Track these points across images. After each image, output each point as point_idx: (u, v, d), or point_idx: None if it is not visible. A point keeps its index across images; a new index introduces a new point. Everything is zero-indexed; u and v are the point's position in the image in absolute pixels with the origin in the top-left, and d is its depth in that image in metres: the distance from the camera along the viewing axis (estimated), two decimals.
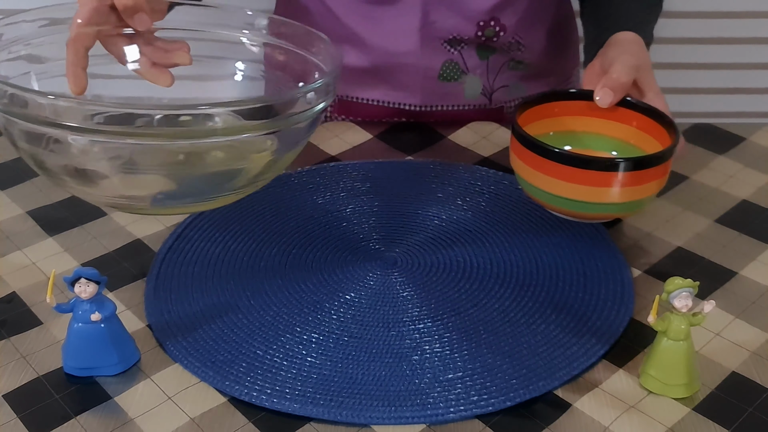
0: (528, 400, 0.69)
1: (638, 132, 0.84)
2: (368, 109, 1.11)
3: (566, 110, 0.86)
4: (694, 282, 0.67)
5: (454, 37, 1.04)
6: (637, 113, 0.84)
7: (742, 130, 1.05)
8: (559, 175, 0.77)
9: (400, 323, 0.76)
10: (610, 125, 0.86)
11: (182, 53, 0.84)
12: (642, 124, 0.84)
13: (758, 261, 0.84)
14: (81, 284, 0.68)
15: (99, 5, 0.78)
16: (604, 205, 0.77)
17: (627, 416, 0.68)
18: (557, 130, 0.87)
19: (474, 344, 0.73)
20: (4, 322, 0.77)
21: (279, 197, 0.93)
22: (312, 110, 0.76)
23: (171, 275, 0.82)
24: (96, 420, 0.68)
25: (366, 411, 0.67)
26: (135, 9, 0.79)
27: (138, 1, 0.79)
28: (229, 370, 0.71)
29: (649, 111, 0.83)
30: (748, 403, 0.69)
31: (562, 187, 0.77)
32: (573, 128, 0.87)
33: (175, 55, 0.84)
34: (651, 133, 0.83)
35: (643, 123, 0.84)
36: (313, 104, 0.76)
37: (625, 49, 0.87)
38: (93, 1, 0.78)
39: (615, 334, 0.74)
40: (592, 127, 0.86)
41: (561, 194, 0.78)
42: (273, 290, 0.80)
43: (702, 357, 0.73)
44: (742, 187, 0.95)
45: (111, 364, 0.71)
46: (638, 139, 0.84)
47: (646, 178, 0.76)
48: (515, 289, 0.79)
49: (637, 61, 0.85)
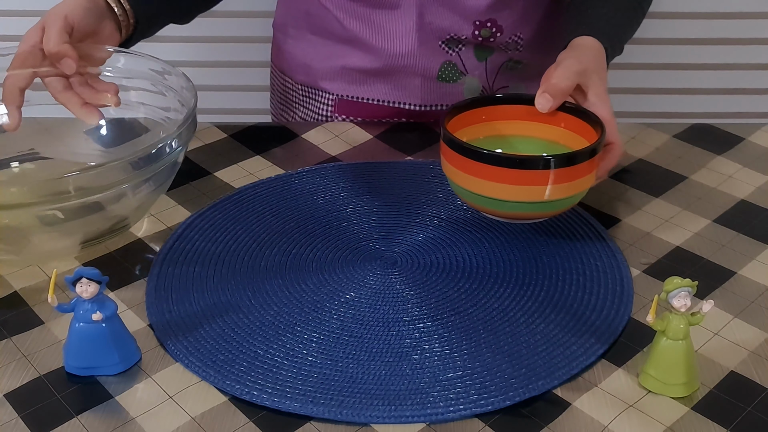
0: (527, 399, 0.69)
1: (566, 132, 0.85)
2: (368, 109, 1.11)
3: (495, 115, 0.87)
4: (692, 281, 0.67)
5: (451, 37, 1.04)
6: (565, 114, 0.85)
7: (741, 130, 1.05)
8: (490, 177, 0.78)
9: (400, 323, 0.76)
10: (539, 127, 0.87)
11: (110, 95, 0.90)
12: (570, 124, 0.85)
13: (757, 260, 0.84)
14: (82, 284, 0.69)
15: (32, 50, 0.88)
16: (537, 204, 0.79)
17: (626, 415, 0.68)
18: (487, 134, 0.87)
19: (473, 343, 0.74)
20: (6, 321, 0.77)
21: (279, 197, 0.93)
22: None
23: (171, 275, 0.82)
24: (97, 419, 0.68)
25: (366, 410, 0.67)
26: (60, 55, 0.87)
27: (62, 49, 0.86)
28: (229, 369, 0.71)
29: (576, 111, 0.84)
30: (746, 403, 0.69)
31: (493, 188, 0.78)
32: (503, 132, 0.88)
33: (102, 96, 0.90)
34: (579, 132, 0.84)
35: (570, 123, 0.85)
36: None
37: (575, 54, 0.87)
38: (27, 45, 0.88)
39: (614, 334, 0.75)
40: (522, 131, 0.87)
41: (493, 196, 0.79)
42: (273, 290, 0.80)
43: (701, 356, 0.73)
44: (741, 187, 0.95)
45: (112, 364, 0.71)
46: (567, 138, 0.85)
47: (575, 174, 0.78)
48: (515, 289, 0.80)
49: (581, 66, 0.85)
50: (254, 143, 1.03)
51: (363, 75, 1.09)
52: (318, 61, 1.11)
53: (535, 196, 0.78)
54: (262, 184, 0.95)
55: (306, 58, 1.13)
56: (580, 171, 0.78)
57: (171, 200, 0.93)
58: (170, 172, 0.86)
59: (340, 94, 1.11)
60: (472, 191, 0.80)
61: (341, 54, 1.09)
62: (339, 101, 1.12)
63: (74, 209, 0.79)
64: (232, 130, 1.06)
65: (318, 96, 1.13)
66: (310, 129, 1.07)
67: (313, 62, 1.12)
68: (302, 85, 1.15)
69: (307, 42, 1.12)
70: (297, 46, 1.13)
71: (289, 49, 1.15)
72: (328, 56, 1.10)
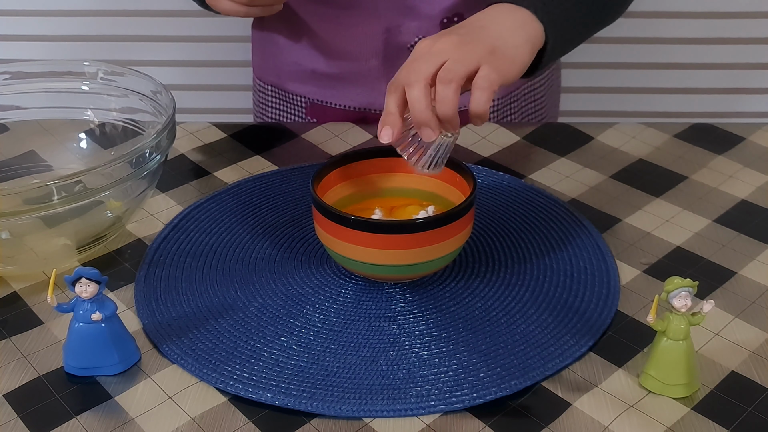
0: (527, 398, 0.69)
1: (441, 183, 0.83)
2: (336, 113, 1.11)
3: (367, 169, 0.84)
4: (693, 282, 0.67)
5: (419, 40, 1.03)
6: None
7: (742, 130, 1.05)
8: (358, 242, 0.75)
9: (381, 318, 0.76)
10: (414, 179, 0.84)
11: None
12: (443, 175, 0.81)
13: (757, 261, 0.84)
14: (82, 284, 0.68)
15: None
16: (409, 266, 0.76)
17: (626, 416, 0.68)
18: (363, 189, 0.84)
19: (452, 342, 0.74)
20: (5, 321, 0.77)
21: (277, 192, 0.93)
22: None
23: (159, 276, 0.82)
24: (96, 419, 0.68)
25: (337, 403, 0.68)
26: None
27: None
28: (209, 359, 0.72)
29: (449, 162, 0.79)
30: (747, 403, 0.69)
31: (364, 252, 0.75)
32: (379, 186, 0.85)
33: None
34: (452, 183, 0.81)
35: (444, 174, 0.81)
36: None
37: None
38: None
39: (595, 336, 0.74)
40: (396, 183, 0.85)
41: (363, 260, 0.76)
42: (260, 283, 0.81)
43: (701, 357, 0.73)
44: (742, 186, 0.95)
45: (111, 364, 0.71)
46: (442, 189, 0.83)
47: (449, 233, 0.75)
48: (499, 289, 0.80)
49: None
50: (254, 143, 1.03)
51: (330, 80, 1.09)
52: (288, 65, 1.11)
53: (402, 259, 0.75)
54: (262, 177, 0.96)
55: (276, 60, 1.12)
56: (451, 230, 0.75)
57: (170, 200, 0.93)
58: (156, 172, 0.87)
59: (311, 97, 1.11)
60: (340, 254, 0.77)
61: (310, 58, 1.09)
62: (310, 105, 1.12)
63: (65, 211, 0.79)
64: (231, 130, 1.06)
65: (290, 99, 1.13)
66: (310, 129, 1.07)
67: (283, 65, 1.12)
68: (272, 86, 1.15)
69: (277, 45, 1.11)
70: (267, 48, 1.13)
71: (261, 50, 1.15)
72: (297, 59, 1.10)
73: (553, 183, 0.96)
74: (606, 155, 1.01)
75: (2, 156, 0.96)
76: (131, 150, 0.80)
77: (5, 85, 0.94)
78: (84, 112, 0.96)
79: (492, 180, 0.95)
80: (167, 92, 0.88)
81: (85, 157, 0.96)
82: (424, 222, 0.74)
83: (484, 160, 1.00)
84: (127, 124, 0.95)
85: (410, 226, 0.74)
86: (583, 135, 1.04)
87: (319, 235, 0.78)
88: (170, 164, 0.99)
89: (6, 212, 0.76)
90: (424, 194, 0.84)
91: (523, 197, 0.92)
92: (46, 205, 0.76)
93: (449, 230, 0.75)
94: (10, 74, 0.94)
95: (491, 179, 0.95)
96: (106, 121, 0.96)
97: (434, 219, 0.75)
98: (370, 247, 0.74)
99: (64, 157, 0.97)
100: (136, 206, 0.87)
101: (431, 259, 0.76)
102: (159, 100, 0.90)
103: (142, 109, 0.92)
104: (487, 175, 0.96)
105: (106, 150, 0.96)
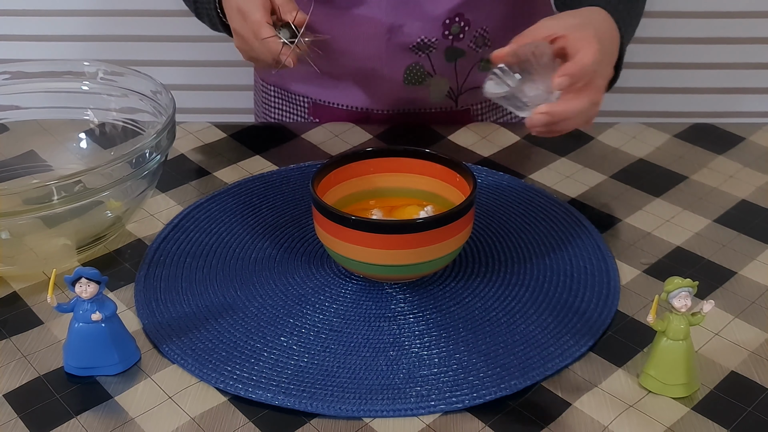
0: (527, 398, 0.69)
1: (441, 183, 0.83)
2: (339, 113, 1.11)
3: (366, 169, 0.84)
4: (693, 282, 0.67)
5: (421, 40, 1.03)
6: (439, 165, 0.82)
7: (742, 130, 1.05)
8: (357, 242, 0.75)
9: (381, 318, 0.76)
10: (413, 179, 0.84)
11: None
12: (444, 176, 0.82)
13: (758, 261, 0.84)
14: (82, 284, 0.68)
15: None
16: (409, 266, 0.76)
17: (626, 416, 0.68)
18: (363, 189, 0.84)
19: (452, 342, 0.74)
20: (5, 321, 0.77)
21: (277, 192, 0.93)
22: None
23: (159, 276, 0.82)
24: (96, 419, 0.68)
25: (337, 403, 0.68)
26: None
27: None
28: (214, 362, 0.71)
29: (449, 162, 0.81)
30: (747, 403, 0.69)
31: (365, 253, 0.75)
32: (378, 185, 0.85)
33: None
34: (452, 183, 0.82)
35: (445, 175, 0.82)
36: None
37: (591, 27, 0.80)
38: None
39: (594, 336, 0.74)
40: (396, 183, 0.85)
41: (362, 260, 0.76)
42: (260, 283, 0.81)
43: (701, 357, 0.73)
44: (742, 186, 0.95)
45: (111, 364, 0.71)
46: (442, 189, 0.83)
47: (448, 233, 0.75)
48: (499, 289, 0.80)
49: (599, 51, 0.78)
50: (254, 143, 1.03)
51: (331, 80, 1.08)
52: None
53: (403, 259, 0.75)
54: (261, 177, 0.96)
55: None
56: (452, 230, 0.75)
57: (170, 200, 0.93)
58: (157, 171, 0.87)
59: (313, 97, 1.11)
60: (340, 253, 0.77)
61: None
62: (312, 104, 1.12)
63: (65, 211, 0.79)
64: (231, 130, 1.06)
65: (293, 99, 1.13)
66: (310, 129, 1.07)
67: None
68: (275, 86, 1.14)
69: None
70: None
71: None
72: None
73: (553, 183, 0.96)
74: (606, 155, 1.01)
75: (2, 156, 0.96)
76: (131, 150, 0.80)
77: (5, 85, 0.94)
78: (84, 112, 0.96)
79: (492, 180, 0.95)
80: (167, 92, 0.88)
81: (85, 157, 0.96)
82: (423, 222, 0.74)
83: (484, 160, 1.00)
84: (127, 124, 0.95)
85: (410, 226, 0.74)
86: (583, 135, 1.04)
87: (319, 235, 0.79)
88: (170, 164, 0.99)
89: (6, 212, 0.76)
90: (423, 194, 0.84)
91: (523, 197, 0.92)
92: (46, 205, 0.76)
93: (449, 230, 0.75)
94: (10, 74, 0.94)
95: (491, 179, 0.95)
96: (106, 121, 0.96)
97: (434, 219, 0.75)
98: (370, 247, 0.75)
99: (64, 157, 0.97)
100: (136, 206, 0.87)
101: (431, 259, 0.76)
102: (159, 100, 0.90)
103: (142, 109, 0.92)
104: (487, 175, 0.96)
105: (106, 150, 0.96)
